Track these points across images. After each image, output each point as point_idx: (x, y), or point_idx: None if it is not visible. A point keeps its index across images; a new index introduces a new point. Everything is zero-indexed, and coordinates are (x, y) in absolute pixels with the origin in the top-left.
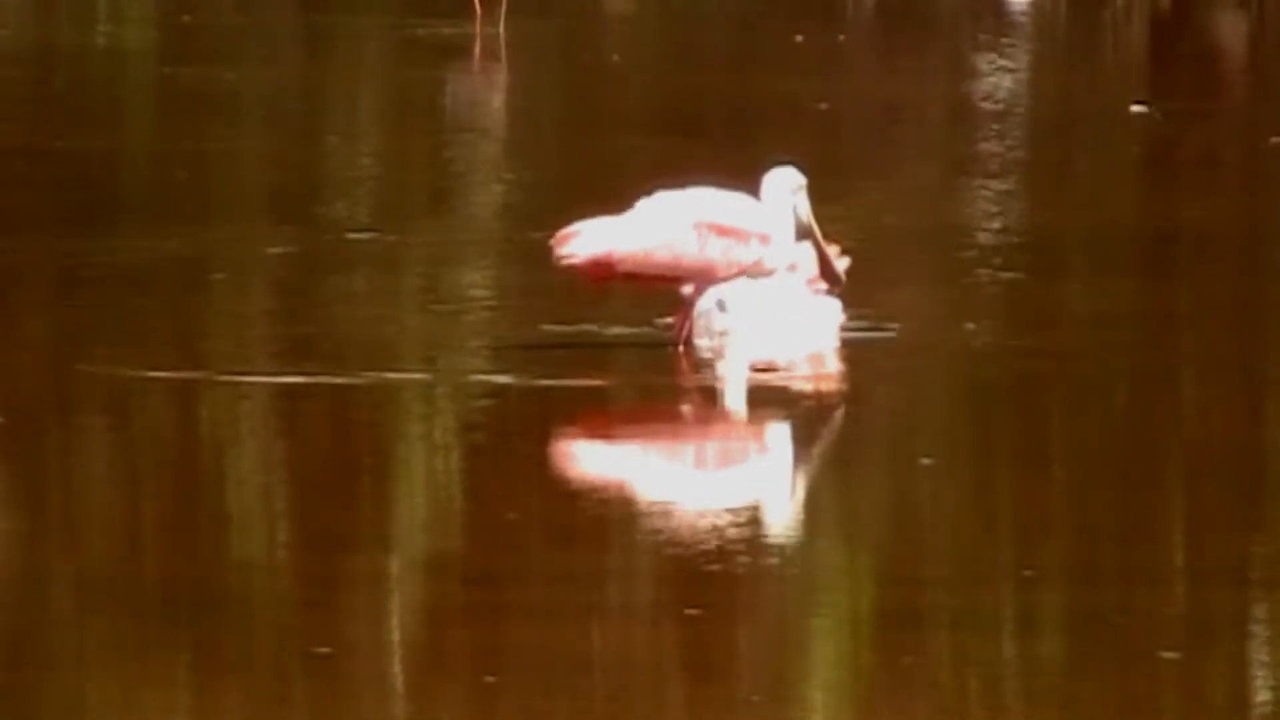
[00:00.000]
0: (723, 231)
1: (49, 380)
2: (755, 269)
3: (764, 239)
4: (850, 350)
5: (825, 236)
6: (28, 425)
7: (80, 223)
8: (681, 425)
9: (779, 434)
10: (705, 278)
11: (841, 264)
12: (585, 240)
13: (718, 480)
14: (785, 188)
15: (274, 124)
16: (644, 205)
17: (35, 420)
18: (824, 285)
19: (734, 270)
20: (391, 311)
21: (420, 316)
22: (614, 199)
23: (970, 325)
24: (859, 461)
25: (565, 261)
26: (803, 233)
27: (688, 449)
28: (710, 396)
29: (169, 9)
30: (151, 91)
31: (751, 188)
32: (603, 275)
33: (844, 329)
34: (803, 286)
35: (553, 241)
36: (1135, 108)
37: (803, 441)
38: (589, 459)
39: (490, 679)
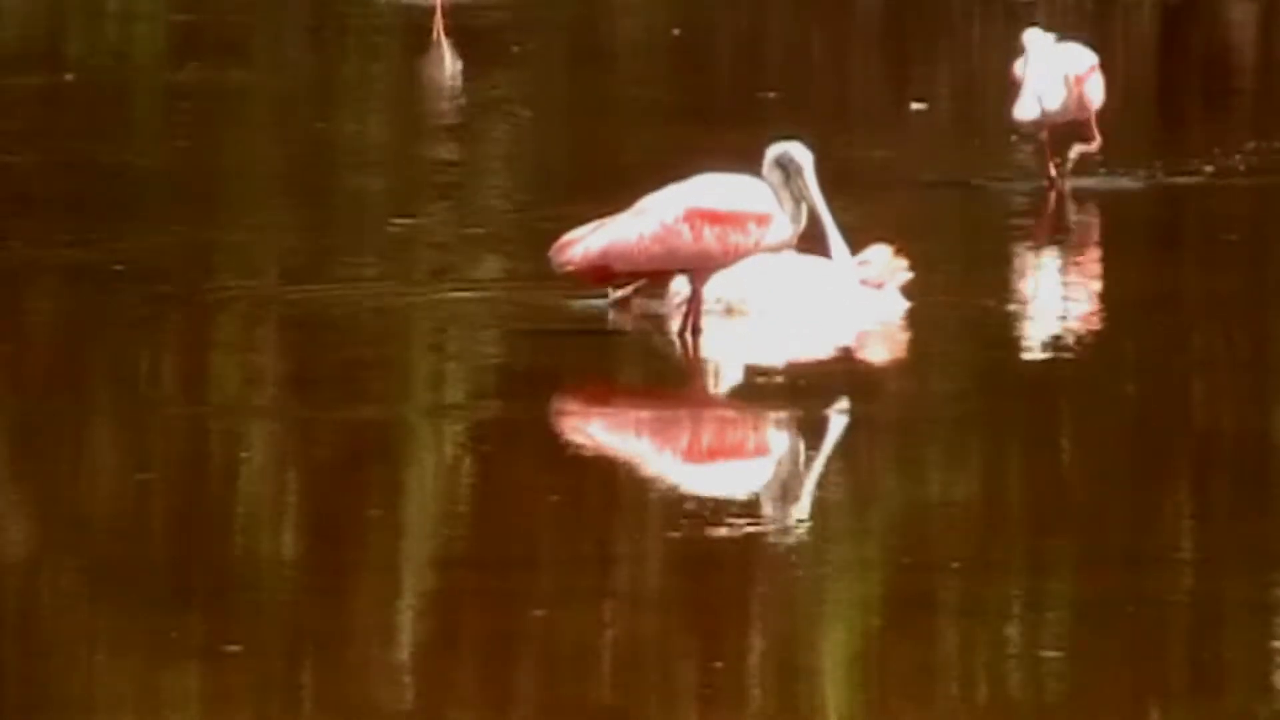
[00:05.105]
0: (715, 219)
1: (56, 377)
2: (759, 251)
3: (761, 220)
4: (862, 342)
5: (895, 250)
6: (37, 419)
7: (89, 219)
8: (690, 413)
9: (790, 423)
10: (706, 266)
11: (902, 279)
12: (581, 246)
13: (728, 468)
14: (780, 162)
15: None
16: (642, 203)
17: (41, 416)
18: (885, 286)
19: (734, 256)
20: (402, 304)
21: (430, 309)
22: (617, 188)
23: (987, 304)
24: (869, 451)
25: (564, 270)
26: (807, 210)
27: (697, 437)
28: (719, 384)
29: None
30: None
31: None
32: (604, 278)
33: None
34: (859, 282)
35: (550, 252)
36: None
37: (814, 430)
38: (598, 448)
39: (499, 665)
